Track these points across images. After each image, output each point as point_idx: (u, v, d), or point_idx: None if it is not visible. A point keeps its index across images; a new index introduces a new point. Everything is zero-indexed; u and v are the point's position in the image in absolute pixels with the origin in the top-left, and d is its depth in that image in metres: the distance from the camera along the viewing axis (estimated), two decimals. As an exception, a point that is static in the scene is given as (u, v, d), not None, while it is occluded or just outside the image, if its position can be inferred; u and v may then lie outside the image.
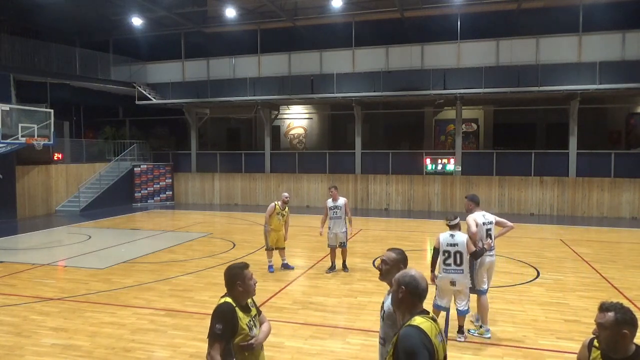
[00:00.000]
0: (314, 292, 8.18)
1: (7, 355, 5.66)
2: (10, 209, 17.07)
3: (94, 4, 20.36)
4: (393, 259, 3.22)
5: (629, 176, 17.51)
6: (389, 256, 3.24)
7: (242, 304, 3.21)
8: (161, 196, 22.42)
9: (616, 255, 11.39)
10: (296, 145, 25.74)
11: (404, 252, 3.30)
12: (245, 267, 3.24)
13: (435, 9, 19.32)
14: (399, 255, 3.25)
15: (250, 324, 3.19)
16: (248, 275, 3.21)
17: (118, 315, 6.98)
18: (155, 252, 11.44)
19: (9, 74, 17.52)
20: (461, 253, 5.80)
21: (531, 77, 17.51)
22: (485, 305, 6.24)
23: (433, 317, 2.63)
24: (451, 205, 19.21)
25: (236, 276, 3.17)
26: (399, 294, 2.64)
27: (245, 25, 21.55)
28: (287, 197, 9.81)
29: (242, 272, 3.19)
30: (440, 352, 2.50)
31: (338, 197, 9.65)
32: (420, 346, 2.41)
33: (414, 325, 2.50)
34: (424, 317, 2.55)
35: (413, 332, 2.46)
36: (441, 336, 2.58)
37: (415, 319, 2.54)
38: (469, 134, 22.85)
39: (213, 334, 3.03)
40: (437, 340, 2.51)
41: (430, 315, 2.62)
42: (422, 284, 2.66)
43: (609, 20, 17.16)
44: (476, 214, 6.45)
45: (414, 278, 2.65)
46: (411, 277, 2.66)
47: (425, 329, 2.48)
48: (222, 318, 3.05)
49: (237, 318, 3.09)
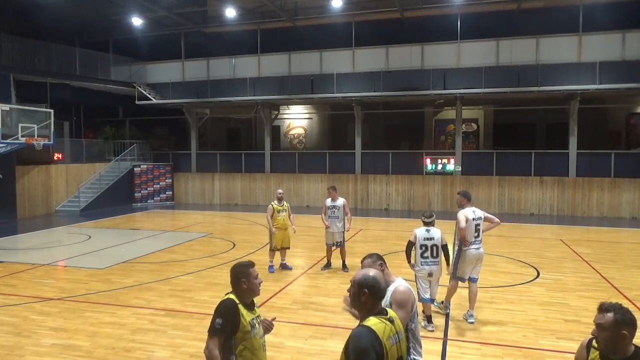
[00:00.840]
0: (314, 292, 8.18)
1: (7, 355, 5.66)
2: (10, 209, 17.07)
3: (94, 4, 20.37)
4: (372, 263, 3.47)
5: (629, 176, 17.51)
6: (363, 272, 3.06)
7: (247, 302, 3.19)
8: (161, 196, 22.42)
9: (616, 255, 11.39)
10: (296, 145, 25.74)
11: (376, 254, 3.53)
12: (251, 266, 3.24)
13: (435, 9, 19.32)
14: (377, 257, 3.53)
15: (252, 322, 3.16)
16: (253, 273, 3.20)
17: (118, 315, 6.98)
18: (155, 252, 11.44)
19: (9, 74, 17.52)
20: (437, 246, 6.43)
21: (531, 77, 17.50)
22: (454, 288, 6.94)
23: (390, 318, 2.61)
24: (451, 205, 19.19)
25: (241, 273, 3.17)
26: (362, 297, 2.61)
27: (245, 25, 21.55)
28: (280, 193, 9.84)
29: (247, 270, 3.19)
30: (392, 353, 2.50)
31: (337, 197, 9.68)
32: (368, 347, 2.41)
33: (365, 325, 2.51)
34: (379, 318, 2.55)
35: (364, 333, 2.47)
36: (397, 337, 2.58)
37: (369, 320, 2.54)
38: (469, 134, 22.85)
39: (212, 328, 3.03)
40: (389, 342, 2.50)
41: (387, 316, 2.60)
42: (382, 284, 2.67)
43: (609, 20, 17.16)
44: (467, 209, 6.92)
45: (376, 280, 2.64)
46: (372, 278, 2.64)
47: (377, 330, 2.48)
48: (223, 313, 3.05)
49: (239, 314, 3.07)
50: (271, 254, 9.55)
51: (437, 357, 5.58)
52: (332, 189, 9.82)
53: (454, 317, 6.91)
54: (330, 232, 9.57)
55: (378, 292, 2.61)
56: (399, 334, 2.60)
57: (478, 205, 7.00)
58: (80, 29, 22.47)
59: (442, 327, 6.55)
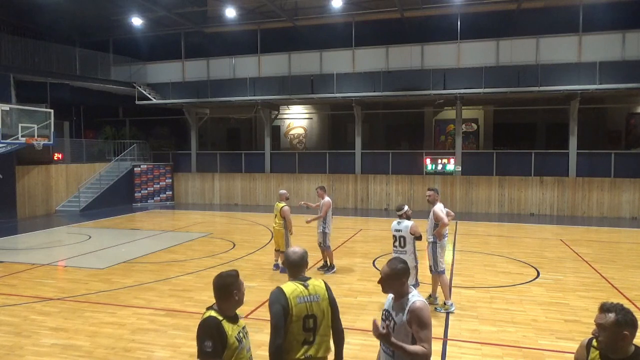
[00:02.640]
0: (314, 292, 8.17)
1: (7, 355, 5.66)
2: (10, 209, 17.07)
3: (94, 4, 20.36)
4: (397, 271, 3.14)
5: (629, 176, 17.51)
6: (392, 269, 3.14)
7: (231, 315, 2.99)
8: (161, 196, 22.42)
9: (616, 255, 11.39)
10: (296, 145, 25.74)
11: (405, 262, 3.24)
12: (238, 275, 3.03)
13: (435, 9, 19.32)
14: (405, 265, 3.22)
15: (239, 336, 2.96)
16: (242, 282, 3.03)
17: (118, 315, 6.98)
18: (155, 252, 11.44)
19: (9, 74, 17.52)
20: (404, 237, 6.88)
21: (531, 77, 17.50)
22: (446, 281, 7.30)
23: (306, 283, 3.29)
24: (451, 205, 19.19)
25: (232, 285, 2.95)
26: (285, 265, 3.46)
27: (245, 25, 21.55)
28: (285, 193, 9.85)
29: (237, 280, 2.98)
30: (299, 309, 3.18)
31: (324, 197, 9.68)
32: (275, 301, 3.17)
33: (280, 286, 3.28)
34: (294, 283, 3.30)
35: (275, 291, 3.24)
36: (308, 299, 3.23)
37: (286, 283, 3.30)
38: (469, 134, 22.85)
39: (204, 353, 2.79)
40: (295, 300, 3.19)
41: (305, 282, 3.31)
42: (295, 257, 3.37)
43: (609, 20, 17.16)
44: (441, 205, 7.41)
45: (289, 254, 3.43)
46: (292, 252, 3.42)
47: (286, 290, 3.22)
48: (210, 334, 2.83)
49: (225, 332, 2.87)
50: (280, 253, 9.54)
51: (437, 357, 5.58)
52: (319, 189, 9.85)
53: (454, 317, 6.92)
54: (317, 232, 9.63)
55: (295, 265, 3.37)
56: (312, 297, 3.25)
57: (479, 205, 7.14)
58: (80, 29, 22.47)
59: (443, 327, 6.55)
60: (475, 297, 7.86)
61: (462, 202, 19.17)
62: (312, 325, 3.23)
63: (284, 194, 9.80)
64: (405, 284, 3.13)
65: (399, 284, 3.09)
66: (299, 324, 3.18)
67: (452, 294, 7.64)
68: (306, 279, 3.36)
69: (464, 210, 18.94)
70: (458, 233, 14.15)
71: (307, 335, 3.21)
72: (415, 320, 2.98)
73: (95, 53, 21.58)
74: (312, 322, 3.23)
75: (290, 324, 3.14)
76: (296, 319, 3.17)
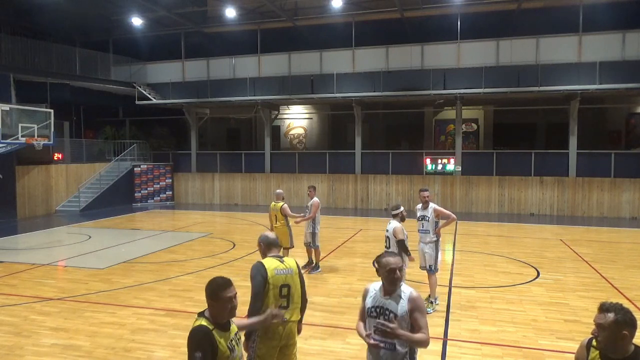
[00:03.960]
0: (314, 292, 8.18)
1: (7, 355, 5.66)
2: (10, 209, 17.07)
3: (94, 4, 20.35)
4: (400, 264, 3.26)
5: (629, 176, 17.51)
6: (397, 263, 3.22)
7: (222, 322, 2.90)
8: (161, 196, 22.42)
9: (616, 255, 11.39)
10: (296, 145, 25.74)
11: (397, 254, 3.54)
12: (231, 282, 2.93)
13: (435, 9, 19.31)
14: (401, 260, 3.33)
15: (231, 345, 2.88)
16: (234, 290, 2.92)
17: (118, 315, 6.98)
18: (155, 252, 11.44)
19: (9, 74, 17.52)
20: (389, 238, 6.88)
21: (531, 77, 17.50)
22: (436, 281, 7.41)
23: (282, 259, 3.91)
24: (451, 205, 19.21)
25: (229, 291, 2.87)
26: (260, 247, 4.07)
27: (245, 25, 21.54)
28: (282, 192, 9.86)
29: (229, 287, 2.88)
30: (276, 279, 3.77)
31: (313, 197, 9.70)
32: (256, 273, 3.76)
33: (260, 261, 3.88)
34: (272, 258, 3.91)
35: (256, 264, 3.83)
36: (284, 271, 3.84)
37: (265, 259, 3.92)
38: (469, 134, 22.85)
39: None
40: (274, 271, 3.78)
41: (281, 258, 3.92)
42: (272, 238, 4.06)
43: (609, 20, 17.16)
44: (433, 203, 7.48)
45: (267, 235, 4.09)
46: (263, 235, 4.10)
47: (265, 264, 3.82)
48: (200, 344, 2.76)
49: (216, 342, 2.79)
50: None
51: (437, 357, 5.58)
52: (312, 188, 9.85)
53: (454, 317, 6.92)
54: (305, 232, 9.64)
55: (272, 244, 4.03)
56: (286, 270, 3.86)
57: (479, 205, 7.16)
58: (80, 29, 22.46)
59: (443, 327, 6.55)
60: (475, 297, 7.86)
61: (462, 202, 19.17)
62: (286, 293, 3.85)
63: (281, 193, 9.78)
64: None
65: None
66: (276, 291, 3.79)
67: (452, 294, 7.66)
68: (280, 256, 3.99)
69: (464, 210, 18.94)
70: (458, 233, 14.15)
71: (282, 301, 3.82)
72: (416, 308, 3.14)
73: (95, 53, 21.58)
74: (286, 290, 3.85)
75: (269, 291, 3.74)
76: (273, 287, 3.77)
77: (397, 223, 6.84)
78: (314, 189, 9.87)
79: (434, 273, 7.30)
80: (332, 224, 15.22)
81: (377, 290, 3.29)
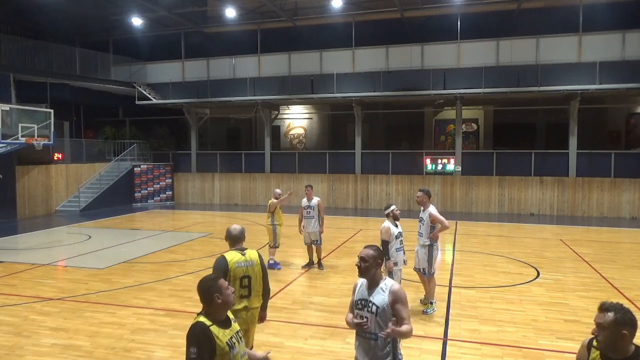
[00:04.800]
0: (314, 292, 8.18)
1: (7, 355, 5.66)
2: (10, 209, 17.07)
3: (94, 4, 20.33)
4: (371, 256, 3.35)
5: (629, 176, 17.51)
6: (367, 253, 3.37)
7: (221, 319, 2.95)
8: (161, 196, 22.42)
9: (616, 255, 11.39)
10: (296, 145, 25.74)
11: (379, 248, 3.50)
12: (218, 278, 3.01)
13: (435, 9, 19.32)
14: (375, 251, 3.40)
15: (231, 342, 2.89)
16: (224, 284, 2.97)
17: (118, 315, 6.98)
18: (155, 252, 11.44)
19: (9, 74, 17.52)
20: None
21: (531, 77, 17.50)
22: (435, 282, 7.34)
23: (243, 252, 4.30)
24: (451, 205, 19.22)
25: (212, 288, 2.91)
26: (227, 239, 4.45)
27: (245, 25, 21.54)
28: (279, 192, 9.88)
29: (216, 283, 2.93)
30: (237, 271, 4.18)
31: (312, 197, 9.71)
32: (217, 267, 4.16)
33: (223, 255, 4.26)
34: (234, 251, 4.30)
35: (219, 259, 4.22)
36: (245, 264, 4.23)
37: (228, 252, 4.30)
38: (469, 134, 22.85)
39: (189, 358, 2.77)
40: (235, 264, 4.18)
41: (243, 251, 4.31)
42: (236, 232, 4.43)
43: (609, 20, 17.16)
44: (433, 206, 7.27)
45: (230, 229, 4.47)
46: (233, 228, 4.48)
47: (227, 257, 4.21)
48: (195, 341, 2.80)
49: (213, 338, 2.82)
50: (274, 251, 9.64)
51: (437, 357, 5.58)
52: (310, 187, 9.86)
53: (454, 317, 6.92)
54: (307, 232, 9.62)
55: (235, 238, 4.42)
56: (247, 262, 4.26)
57: (479, 205, 7.10)
58: (80, 29, 22.45)
59: (443, 327, 6.55)
60: (475, 297, 7.86)
61: (462, 202, 19.17)
62: (247, 283, 4.24)
63: (277, 192, 9.80)
64: (379, 269, 3.39)
65: (376, 267, 3.34)
66: (237, 282, 4.15)
67: (452, 294, 7.66)
68: (244, 249, 4.35)
69: (464, 210, 18.95)
70: (458, 233, 14.15)
71: (243, 291, 4.21)
72: (397, 299, 3.25)
73: (95, 53, 21.58)
74: (247, 280, 4.24)
75: (230, 282, 4.01)
76: (234, 278, 4.14)
77: (388, 223, 6.94)
78: (311, 189, 9.88)
79: (429, 277, 7.14)
80: (332, 224, 15.22)
81: (363, 284, 3.43)
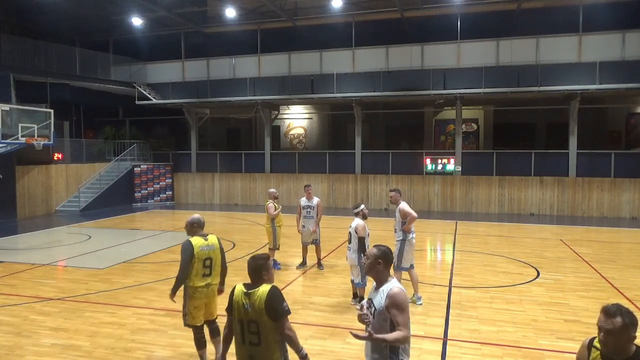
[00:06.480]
0: (314, 292, 8.18)
1: (7, 355, 5.66)
2: (10, 209, 17.06)
3: (94, 4, 20.34)
4: (372, 254, 3.38)
5: (629, 176, 17.51)
6: (370, 251, 3.43)
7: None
8: (161, 196, 22.42)
9: (616, 255, 11.39)
10: (296, 145, 25.73)
11: (385, 247, 3.44)
12: (268, 258, 3.54)
13: (435, 9, 19.32)
14: (378, 250, 3.41)
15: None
16: (270, 265, 3.54)
17: (118, 315, 6.98)
18: (155, 252, 11.44)
19: (9, 74, 17.50)
20: (350, 234, 7.25)
21: (531, 77, 17.50)
22: (415, 277, 7.55)
23: (206, 237, 5.10)
24: (451, 205, 19.22)
25: (262, 267, 3.44)
26: (187, 227, 5.18)
27: (245, 25, 21.54)
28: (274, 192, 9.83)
29: (266, 262, 3.48)
30: (201, 254, 5.00)
31: (312, 196, 9.70)
32: (185, 249, 4.98)
33: (189, 239, 5.06)
34: (198, 237, 5.09)
35: (186, 243, 5.03)
36: (207, 247, 5.05)
37: (193, 237, 5.09)
38: (469, 134, 22.85)
39: (285, 311, 3.33)
40: (199, 248, 5.01)
41: (205, 237, 5.10)
42: (194, 220, 5.16)
43: (609, 20, 17.15)
44: (405, 203, 7.68)
45: (194, 218, 5.20)
46: (196, 217, 5.22)
47: (193, 242, 5.02)
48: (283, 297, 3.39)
49: None
50: (273, 252, 9.60)
51: (437, 357, 5.58)
52: (309, 187, 9.85)
53: (454, 317, 6.92)
54: (307, 232, 9.62)
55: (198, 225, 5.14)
56: (209, 246, 5.09)
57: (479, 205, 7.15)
58: (80, 29, 22.44)
59: (443, 327, 6.55)
60: (475, 297, 7.86)
61: (462, 202, 19.17)
62: (209, 264, 5.09)
63: (272, 192, 9.73)
64: (385, 270, 3.33)
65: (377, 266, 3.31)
66: (201, 263, 5.03)
67: (452, 294, 7.64)
68: (206, 234, 5.15)
69: (464, 210, 18.94)
70: (458, 233, 14.15)
71: (205, 270, 5.07)
72: (393, 304, 3.15)
73: (95, 53, 21.57)
74: (209, 262, 5.09)
75: (195, 263, 4.98)
76: (198, 260, 5.01)
77: (360, 220, 7.24)
78: (311, 188, 9.87)
79: (399, 271, 7.33)
80: (332, 224, 15.21)
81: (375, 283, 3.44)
